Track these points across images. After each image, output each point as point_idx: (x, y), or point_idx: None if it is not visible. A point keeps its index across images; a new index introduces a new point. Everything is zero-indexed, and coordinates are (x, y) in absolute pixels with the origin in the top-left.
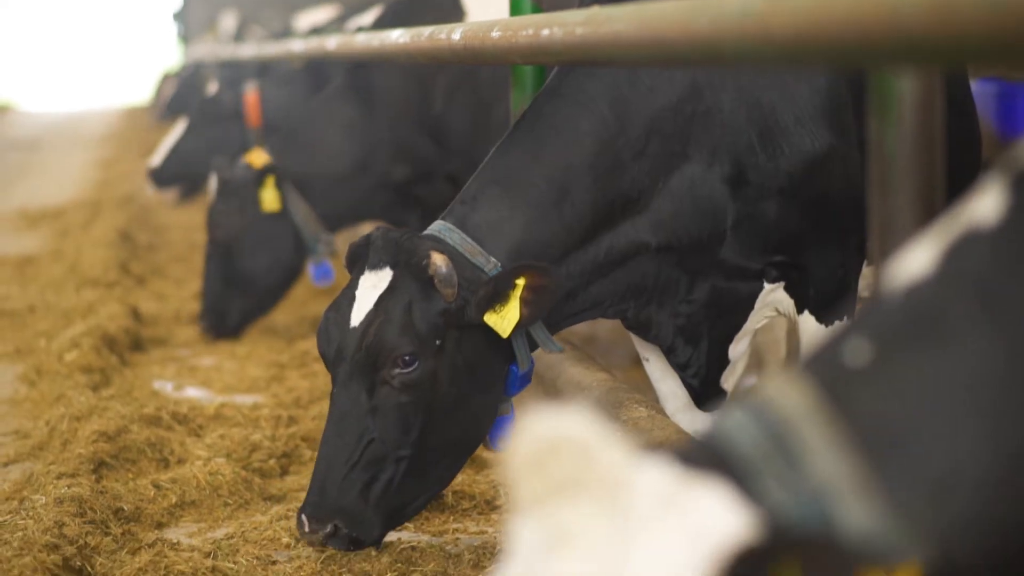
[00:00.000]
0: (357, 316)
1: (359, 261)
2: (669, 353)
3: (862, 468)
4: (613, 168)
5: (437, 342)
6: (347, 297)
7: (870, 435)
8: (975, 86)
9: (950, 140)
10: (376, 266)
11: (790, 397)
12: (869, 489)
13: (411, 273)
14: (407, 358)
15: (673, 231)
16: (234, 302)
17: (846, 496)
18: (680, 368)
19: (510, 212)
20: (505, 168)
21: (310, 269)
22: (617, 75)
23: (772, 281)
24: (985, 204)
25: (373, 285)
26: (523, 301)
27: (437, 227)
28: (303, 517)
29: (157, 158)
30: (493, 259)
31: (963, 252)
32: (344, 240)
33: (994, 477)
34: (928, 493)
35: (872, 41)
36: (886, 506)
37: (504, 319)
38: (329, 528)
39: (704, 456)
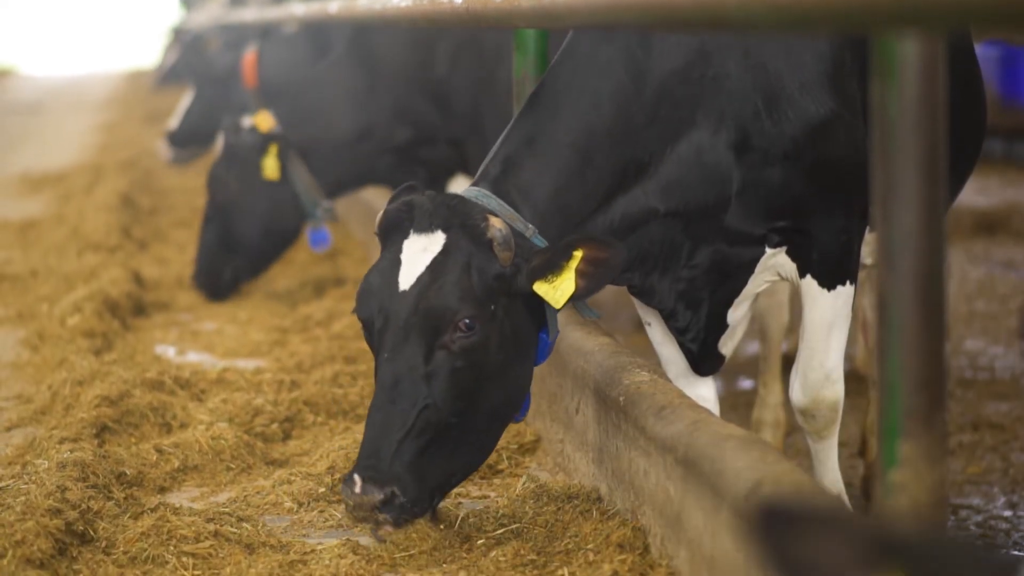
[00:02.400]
0: (407, 279)
1: (399, 226)
2: (669, 318)
3: None
4: (628, 132)
5: (492, 307)
6: (390, 261)
7: None
8: (978, 50)
9: (954, 104)
10: (426, 229)
11: None
12: None
13: (467, 236)
14: (467, 322)
15: (681, 197)
16: (228, 263)
17: None
18: (679, 333)
19: (539, 177)
20: (532, 132)
21: (307, 234)
22: (630, 38)
23: (774, 246)
24: None
25: (423, 248)
26: (579, 273)
27: (473, 193)
28: (355, 478)
29: (174, 121)
30: (531, 226)
31: None
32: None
33: None
34: None
35: (875, 4)
36: None
37: (557, 290)
38: (385, 493)
39: None
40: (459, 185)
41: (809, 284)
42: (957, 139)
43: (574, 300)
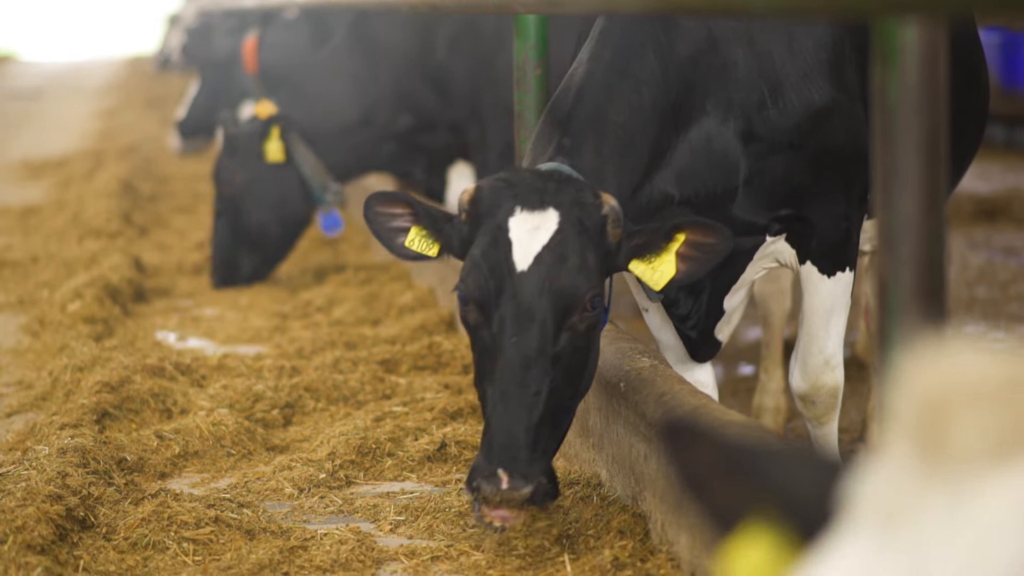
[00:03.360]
0: (523, 260)
1: (497, 204)
2: (671, 306)
3: None
4: (656, 117)
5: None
6: (498, 240)
7: None
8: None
9: (956, 89)
10: (535, 207)
11: None
12: None
13: (581, 213)
14: (594, 301)
15: (692, 185)
16: (244, 255)
17: None
18: (680, 320)
19: (600, 159)
20: (590, 113)
21: (319, 219)
22: (655, 22)
23: (774, 234)
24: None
25: (535, 227)
26: (680, 257)
27: (554, 166)
28: (501, 474)
29: (182, 111)
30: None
31: None
32: (352, 192)
33: None
34: None
35: None
36: None
37: (656, 271)
38: (534, 486)
39: None
40: (459, 172)
41: (809, 271)
42: (959, 125)
43: (674, 284)
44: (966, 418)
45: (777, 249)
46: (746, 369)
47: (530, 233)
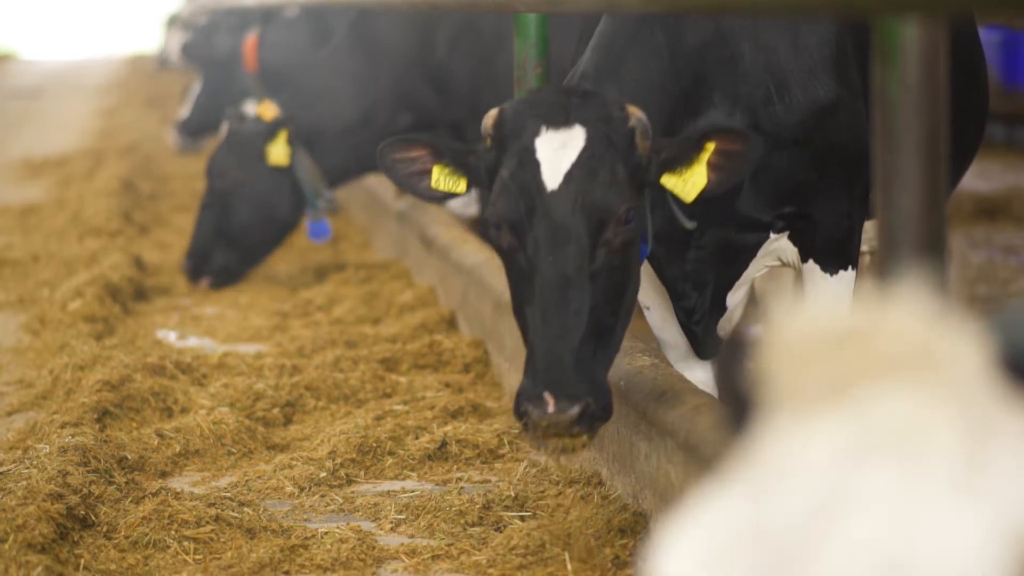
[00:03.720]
0: (553, 179)
1: (522, 125)
2: (679, 299)
3: None
4: (666, 103)
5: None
6: (525, 161)
7: None
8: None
9: (956, 88)
10: (560, 125)
11: None
12: None
13: (608, 127)
14: (629, 214)
15: (668, 213)
16: (223, 251)
17: None
18: (686, 314)
19: None
20: (604, 69)
21: (307, 225)
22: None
23: (777, 232)
24: None
25: (562, 145)
26: (711, 166)
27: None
28: (546, 397)
29: (185, 110)
30: None
31: None
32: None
33: None
34: None
35: None
36: None
37: (687, 183)
38: (582, 407)
39: None
40: None
41: (811, 269)
42: (959, 123)
43: (705, 195)
44: (807, 370)
45: (780, 247)
46: None
47: (557, 151)
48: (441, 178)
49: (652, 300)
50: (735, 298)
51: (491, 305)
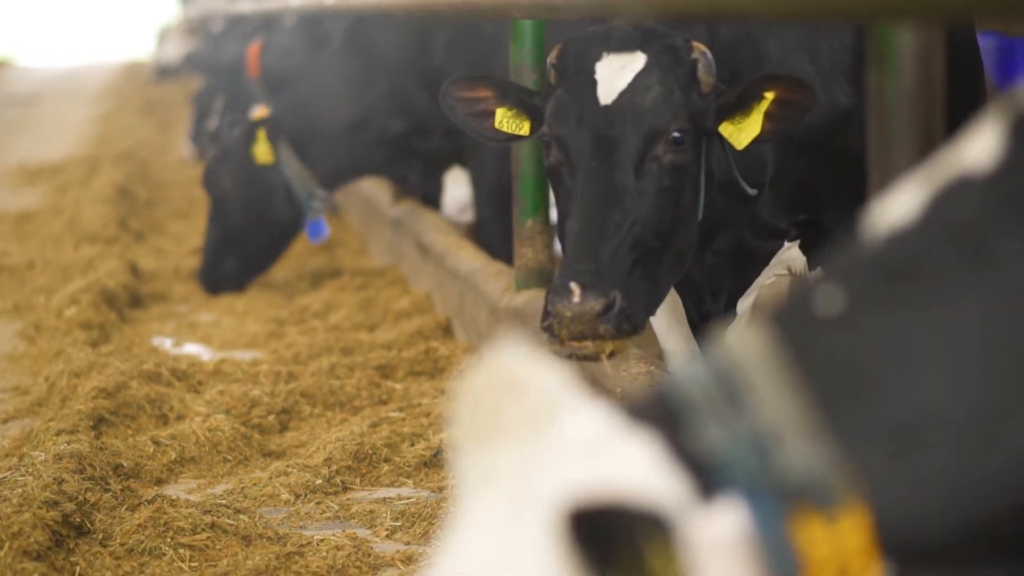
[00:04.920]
0: (607, 95)
1: (586, 54)
2: (699, 303)
3: (811, 411)
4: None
5: (694, 130)
6: (583, 81)
7: (829, 380)
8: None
9: (955, 94)
10: (623, 49)
11: (747, 342)
12: (815, 431)
13: (670, 56)
14: (678, 135)
15: (726, 176)
16: (230, 259)
17: (787, 436)
18: (701, 319)
19: None
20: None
21: (305, 226)
22: None
23: (791, 240)
24: (979, 149)
25: (622, 67)
26: (767, 115)
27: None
28: (572, 287)
29: (214, 121)
30: None
31: (951, 199)
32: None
33: (964, 433)
34: (887, 441)
35: None
36: (833, 449)
37: (742, 131)
38: (608, 299)
39: (650, 405)
40: (455, 177)
41: None
42: (955, 128)
43: (757, 143)
44: (479, 414)
45: (791, 256)
46: None
47: (616, 72)
48: (504, 120)
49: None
50: (745, 305)
51: (487, 312)
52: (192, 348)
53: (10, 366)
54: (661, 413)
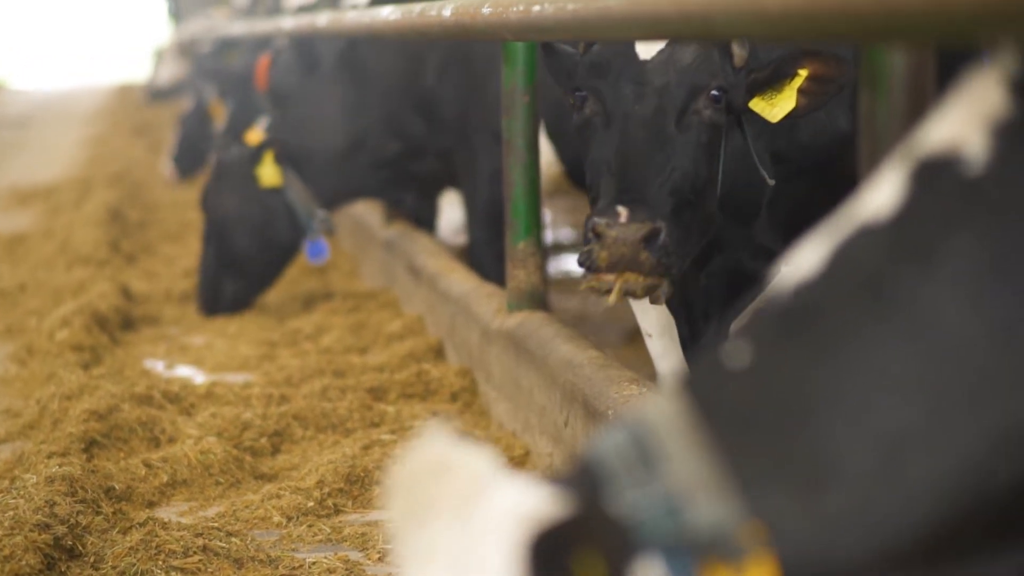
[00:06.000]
0: (647, 52)
1: None
2: (693, 325)
3: (718, 467)
4: None
5: (728, 98)
6: (620, 46)
7: (736, 433)
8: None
9: None
10: None
11: (660, 406)
12: (722, 487)
13: None
14: (716, 94)
15: (728, 191)
16: (230, 281)
17: (696, 495)
18: (697, 343)
19: None
20: None
21: (305, 246)
22: None
23: (786, 263)
24: (880, 197)
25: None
26: (801, 91)
27: None
28: (619, 209)
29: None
30: None
31: (852, 247)
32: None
33: (867, 470)
34: (794, 485)
35: (863, 15)
36: (739, 503)
37: (775, 107)
38: (655, 225)
39: (573, 473)
40: (450, 199)
41: None
42: None
43: (792, 118)
44: (411, 493)
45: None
46: None
47: (654, 44)
48: None
49: (656, 328)
50: (737, 327)
51: (479, 334)
52: (184, 370)
53: (2, 389)
54: (584, 480)
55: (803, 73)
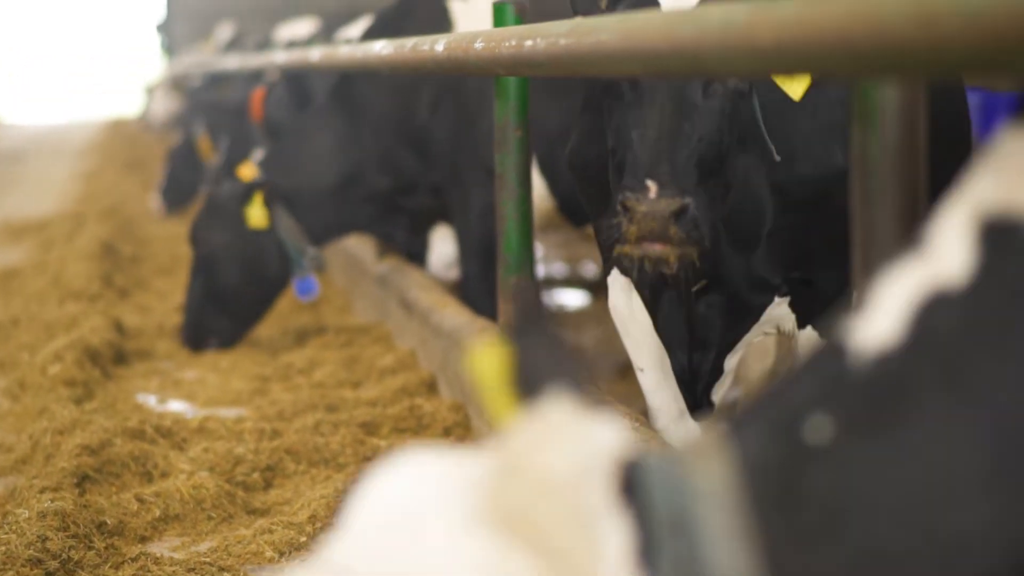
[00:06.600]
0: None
1: None
2: (688, 358)
3: (759, 566)
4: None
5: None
6: (643, 4)
7: (790, 530)
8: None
9: (941, 151)
10: None
11: (707, 467)
12: None
13: None
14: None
15: (731, 219)
16: (216, 317)
17: None
18: (692, 375)
19: None
20: None
21: (294, 284)
22: None
23: (782, 296)
24: (951, 259)
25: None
26: None
27: None
28: (649, 183)
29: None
30: None
31: (931, 318)
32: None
33: (922, 570)
34: None
35: (856, 51)
36: None
37: (795, 80)
38: (684, 201)
39: (630, 492)
40: (441, 235)
41: (809, 336)
42: (939, 184)
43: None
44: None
45: (780, 314)
46: None
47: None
48: None
49: (648, 362)
50: (732, 362)
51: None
52: (176, 405)
53: None
54: (635, 516)
55: None
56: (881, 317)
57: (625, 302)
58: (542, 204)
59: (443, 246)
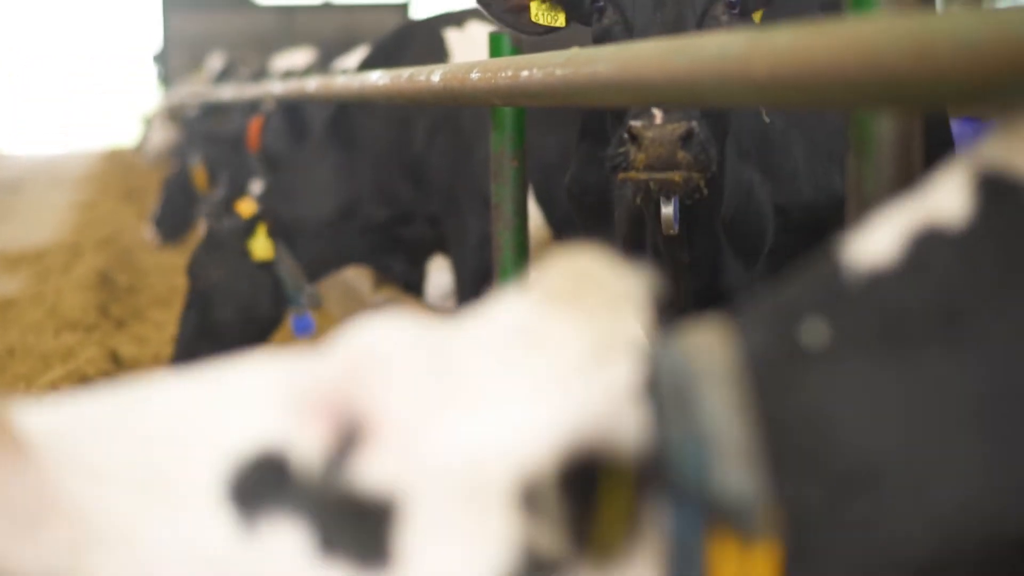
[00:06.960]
0: None
1: None
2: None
3: (757, 439)
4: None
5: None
6: None
7: (787, 413)
8: (953, 126)
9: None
10: None
11: (710, 347)
12: (756, 461)
13: None
14: (733, 3)
15: (733, 230)
16: (209, 352)
17: (728, 457)
18: None
19: None
20: None
21: (291, 321)
22: None
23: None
24: (950, 202)
25: None
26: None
27: None
28: (653, 112)
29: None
30: None
31: (927, 251)
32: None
33: (903, 490)
34: (829, 484)
35: (851, 83)
36: (769, 483)
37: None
38: (690, 125)
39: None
40: (438, 265)
41: None
42: None
43: None
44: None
45: None
46: None
47: None
48: (540, 12)
49: None
50: None
51: None
52: None
53: None
54: (648, 380)
55: None
56: (878, 239)
57: None
58: (538, 234)
59: (440, 276)
